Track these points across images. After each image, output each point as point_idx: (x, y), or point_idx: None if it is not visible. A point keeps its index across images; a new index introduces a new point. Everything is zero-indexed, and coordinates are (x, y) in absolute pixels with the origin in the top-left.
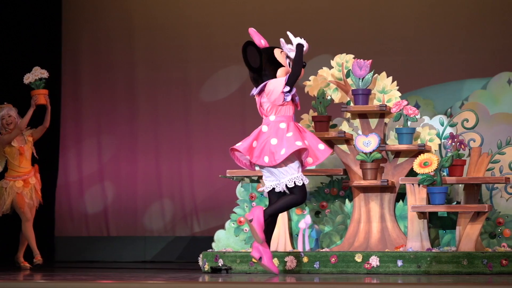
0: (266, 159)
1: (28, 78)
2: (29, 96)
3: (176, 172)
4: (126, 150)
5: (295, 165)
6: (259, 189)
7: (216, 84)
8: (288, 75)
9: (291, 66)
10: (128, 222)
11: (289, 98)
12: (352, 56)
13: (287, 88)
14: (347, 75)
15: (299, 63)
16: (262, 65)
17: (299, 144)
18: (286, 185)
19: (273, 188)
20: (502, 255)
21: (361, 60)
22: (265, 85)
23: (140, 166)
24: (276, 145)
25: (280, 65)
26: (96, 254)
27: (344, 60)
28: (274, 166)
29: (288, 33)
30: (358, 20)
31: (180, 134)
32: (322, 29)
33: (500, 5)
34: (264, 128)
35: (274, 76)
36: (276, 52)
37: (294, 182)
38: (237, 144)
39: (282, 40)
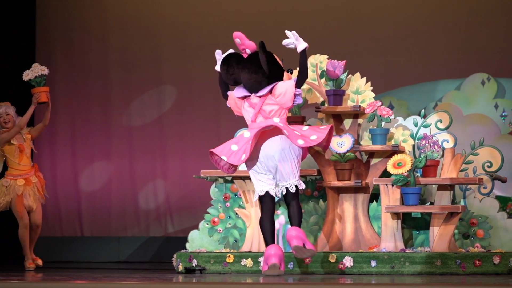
0: (301, 141)
1: (28, 75)
2: (13, 94)
3: (150, 172)
4: (100, 150)
5: (299, 168)
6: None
7: (191, 85)
8: (296, 77)
9: (298, 70)
10: (102, 222)
11: (299, 100)
12: (326, 56)
13: (299, 91)
14: (321, 75)
15: (306, 67)
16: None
17: (323, 127)
18: (296, 186)
19: (267, 192)
20: (476, 255)
21: (335, 60)
22: (273, 87)
23: (114, 166)
24: (302, 135)
25: (282, 69)
26: (70, 254)
27: (318, 61)
28: (290, 162)
29: (288, 32)
30: (332, 21)
31: (154, 134)
32: (296, 29)
33: (474, 7)
34: (278, 124)
35: (281, 79)
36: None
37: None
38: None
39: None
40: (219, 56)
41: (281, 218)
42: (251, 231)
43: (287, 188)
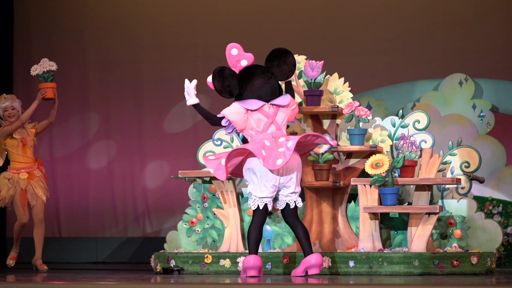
0: (331, 141)
1: (36, 70)
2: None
3: (128, 173)
4: (78, 151)
5: None
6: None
7: (169, 85)
8: (292, 96)
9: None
10: (80, 223)
11: (294, 120)
12: (304, 57)
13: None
14: (299, 76)
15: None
16: None
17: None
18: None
19: (265, 204)
20: (453, 255)
21: (313, 61)
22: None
23: (92, 167)
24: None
25: None
26: (48, 255)
27: (296, 61)
28: (299, 177)
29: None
30: (311, 21)
31: (133, 134)
32: (275, 30)
33: (451, 7)
34: (319, 134)
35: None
36: None
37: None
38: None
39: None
40: (190, 89)
41: None
42: (229, 232)
43: (294, 202)
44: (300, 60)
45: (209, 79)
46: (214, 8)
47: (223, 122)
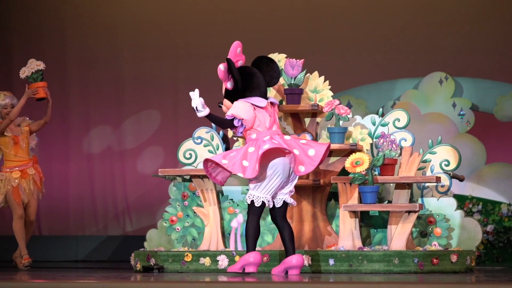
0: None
1: (24, 72)
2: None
3: (108, 171)
4: (58, 149)
5: None
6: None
7: (149, 83)
8: None
9: None
10: (60, 221)
11: None
12: (285, 55)
13: None
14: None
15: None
16: None
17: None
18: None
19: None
20: (433, 254)
21: (293, 59)
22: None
23: (72, 165)
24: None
25: None
26: (28, 253)
27: (276, 60)
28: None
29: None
30: (291, 19)
31: (112, 133)
32: (255, 28)
33: (432, 6)
34: (287, 136)
35: None
36: None
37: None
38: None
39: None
40: (201, 101)
41: (239, 217)
42: (209, 230)
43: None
44: (280, 58)
45: (222, 67)
46: (194, 7)
47: (236, 123)
